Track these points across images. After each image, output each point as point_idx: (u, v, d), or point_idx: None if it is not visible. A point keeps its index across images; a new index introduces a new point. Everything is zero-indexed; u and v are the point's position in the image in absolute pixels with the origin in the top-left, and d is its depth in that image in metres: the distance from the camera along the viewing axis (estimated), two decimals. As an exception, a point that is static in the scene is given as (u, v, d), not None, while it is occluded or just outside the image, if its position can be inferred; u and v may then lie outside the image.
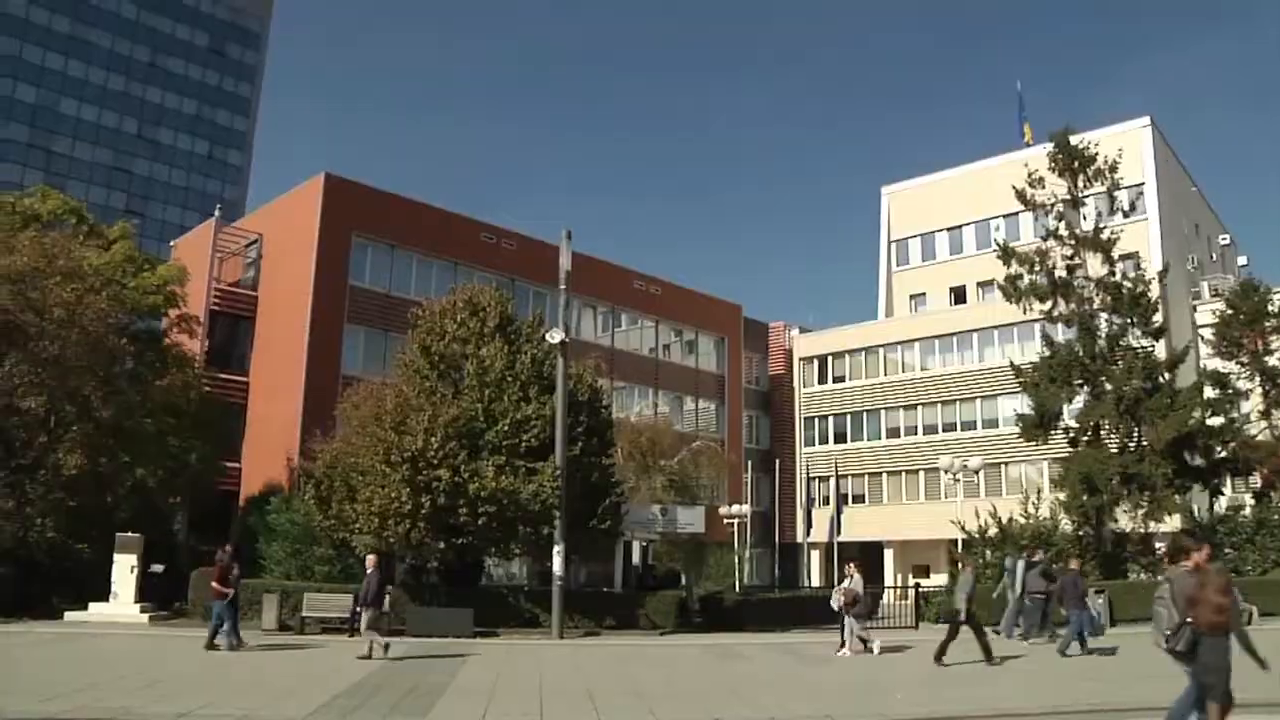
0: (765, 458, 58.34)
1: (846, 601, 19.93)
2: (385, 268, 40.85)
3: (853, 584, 20.13)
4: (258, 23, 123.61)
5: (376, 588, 19.41)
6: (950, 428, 53.87)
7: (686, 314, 54.49)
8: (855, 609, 19.91)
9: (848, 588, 20.13)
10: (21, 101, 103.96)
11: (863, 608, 20.02)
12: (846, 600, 19.92)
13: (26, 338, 28.09)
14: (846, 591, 20.04)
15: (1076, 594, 20.65)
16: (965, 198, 59.45)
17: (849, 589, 20.04)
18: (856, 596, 19.92)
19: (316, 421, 31.49)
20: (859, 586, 20.11)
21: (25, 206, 34.01)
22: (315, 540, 28.92)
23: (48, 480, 28.03)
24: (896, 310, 62.71)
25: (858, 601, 19.92)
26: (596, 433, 29.25)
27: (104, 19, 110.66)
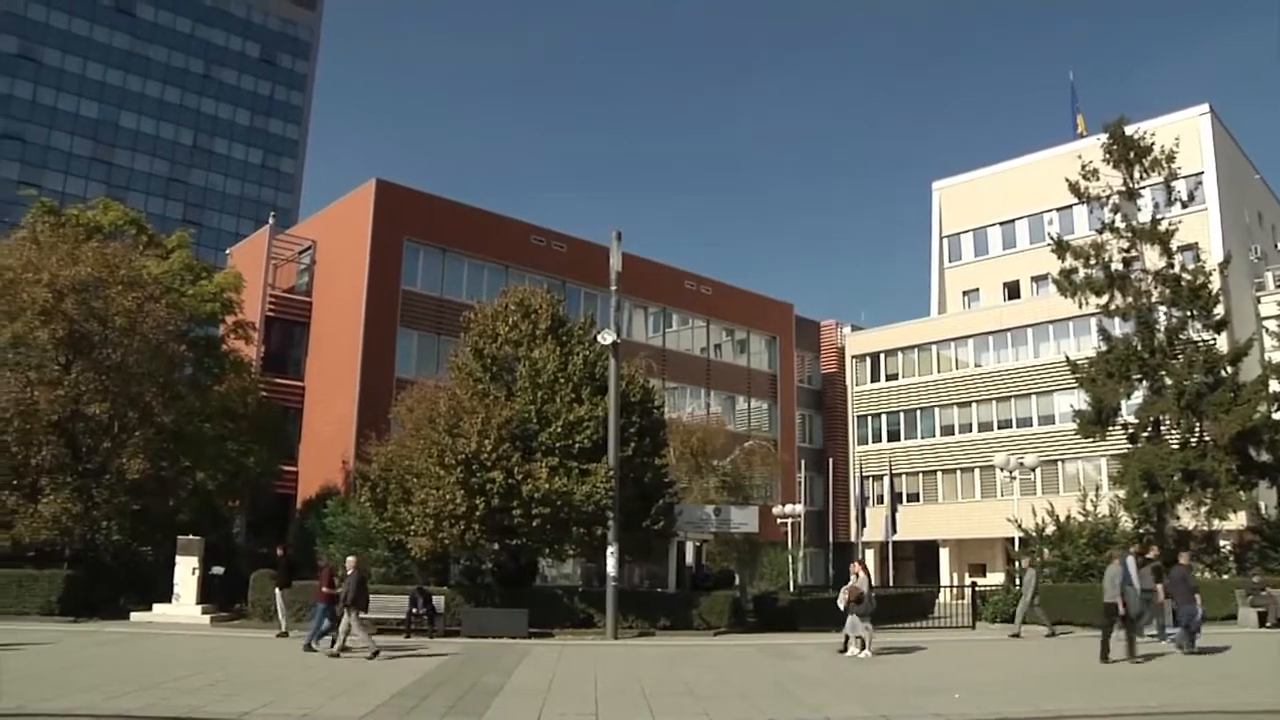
0: (818, 457, 58.06)
1: (851, 599, 20.04)
2: (437, 271, 41.21)
3: (858, 583, 20.21)
4: (307, 31, 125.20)
5: (356, 589, 19.61)
6: (1005, 425, 53.27)
7: (738, 313, 54.37)
8: (859, 607, 19.95)
9: (853, 585, 20.23)
10: (85, 117, 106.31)
11: (866, 606, 20.05)
12: (851, 598, 20.05)
13: (91, 346, 28.72)
14: (851, 590, 20.20)
15: (1186, 589, 20.18)
16: (1018, 192, 58.83)
17: (853, 587, 20.20)
18: (861, 595, 20.06)
19: (371, 424, 31.83)
20: (864, 586, 20.23)
21: (88, 218, 34.81)
22: (371, 542, 29.20)
23: (113, 484, 28.58)
24: (949, 307, 62.18)
25: (862, 600, 19.99)
26: (649, 433, 29.23)
27: (160, 34, 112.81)
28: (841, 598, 20.60)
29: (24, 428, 27.33)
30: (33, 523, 26.91)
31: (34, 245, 29.22)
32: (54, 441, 28.05)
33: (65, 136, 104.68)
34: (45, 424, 27.59)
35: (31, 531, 26.97)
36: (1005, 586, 33.91)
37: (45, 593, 26.35)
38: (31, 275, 27.78)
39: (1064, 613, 28.90)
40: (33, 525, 26.91)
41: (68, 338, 28.31)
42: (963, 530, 52.19)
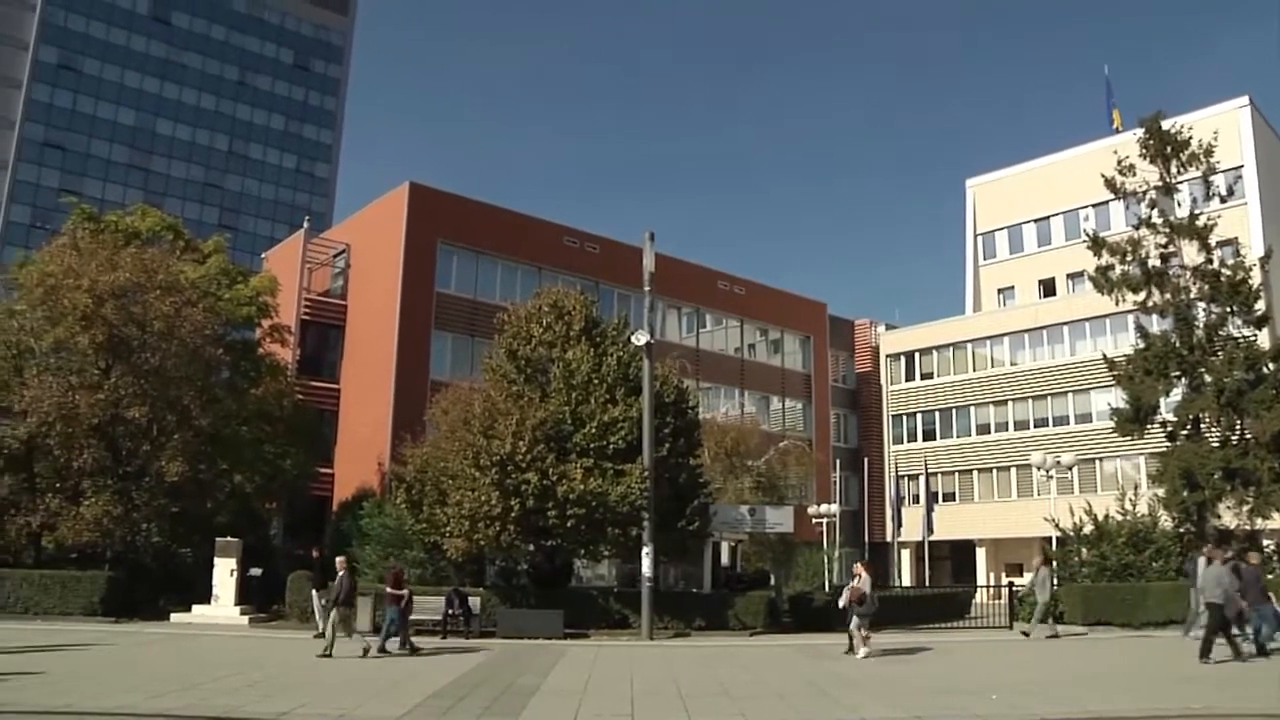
0: (853, 456, 57.81)
1: (853, 600, 20.02)
2: (470, 274, 41.37)
3: (860, 583, 20.19)
4: (340, 37, 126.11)
5: (348, 590, 19.77)
6: (1042, 423, 52.81)
7: (771, 313, 54.22)
8: (861, 608, 19.94)
9: (854, 586, 20.25)
10: (123, 124, 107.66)
11: (868, 607, 20.02)
12: (853, 599, 20.03)
13: (130, 350, 29.07)
14: (853, 590, 20.22)
15: (1259, 589, 19.94)
16: (1053, 188, 58.35)
17: (855, 588, 20.21)
18: (863, 596, 20.05)
19: (406, 427, 32.00)
20: (866, 586, 20.22)
21: (127, 224, 35.30)
22: (407, 543, 29.36)
23: (152, 487, 28.90)
24: (984, 305, 61.75)
25: (864, 601, 19.96)
26: (683, 434, 29.23)
27: (195, 42, 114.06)
28: (844, 598, 20.64)
29: (66, 431, 27.71)
30: (75, 525, 27.28)
31: (74, 252, 29.62)
32: (95, 445, 28.41)
33: (104, 144, 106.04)
34: (86, 428, 27.95)
35: (74, 534, 27.34)
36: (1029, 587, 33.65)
37: (88, 594, 26.72)
38: (72, 281, 28.16)
39: (1103, 613, 28.69)
40: (75, 527, 27.27)
41: (107, 342, 28.66)
42: (999, 530, 51.80)
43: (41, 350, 29.70)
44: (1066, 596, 30.26)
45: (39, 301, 29.17)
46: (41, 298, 28.92)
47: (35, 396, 27.29)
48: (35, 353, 29.80)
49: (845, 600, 20.45)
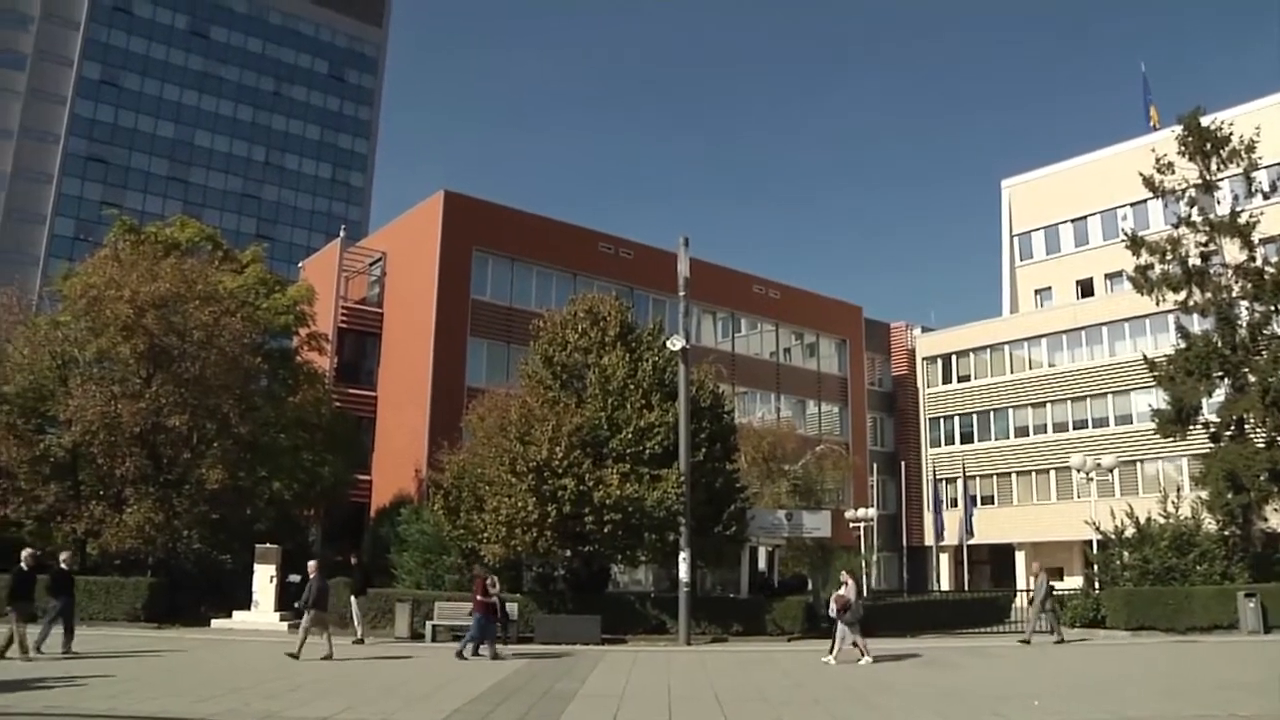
0: (890, 460, 57.48)
1: (839, 608, 19.90)
2: (505, 281, 41.54)
3: (846, 591, 20.08)
4: (374, 48, 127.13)
5: (317, 592, 19.90)
6: (1081, 425, 52.28)
7: (806, 317, 54.04)
8: (847, 615, 19.81)
9: (840, 594, 20.11)
10: (162, 137, 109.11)
11: (854, 614, 19.87)
12: (839, 606, 19.90)
13: (170, 359, 29.43)
14: (839, 598, 20.10)
15: None
16: (1089, 188, 57.86)
17: (841, 596, 20.08)
18: (848, 603, 19.94)
19: (443, 433, 32.15)
20: (851, 594, 20.13)
21: (166, 236, 35.79)
22: (445, 549, 29.46)
23: (193, 494, 29.22)
24: (1021, 306, 61.30)
25: (848, 608, 19.82)
26: (719, 438, 29.16)
27: (233, 54, 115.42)
28: (831, 607, 20.54)
29: (109, 440, 28.08)
30: (118, 532, 27.63)
31: (116, 263, 30.06)
32: (137, 453, 28.77)
33: (144, 157, 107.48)
34: (128, 436, 28.31)
35: (117, 540, 27.68)
36: (1084, 590, 33.24)
37: (131, 600, 27.09)
38: (114, 292, 28.55)
39: (1146, 617, 28.31)
40: (118, 534, 27.63)
41: (148, 352, 29.03)
42: (1039, 533, 51.31)
43: (85, 360, 30.15)
44: (1108, 600, 29.91)
45: (82, 312, 29.64)
46: (85, 308, 29.38)
47: (79, 406, 27.70)
48: (79, 362, 30.26)
49: (833, 608, 20.39)
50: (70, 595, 19.92)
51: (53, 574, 20.08)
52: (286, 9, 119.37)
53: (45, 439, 30.01)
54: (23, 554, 19.62)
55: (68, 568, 20.48)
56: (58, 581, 19.75)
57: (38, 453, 28.99)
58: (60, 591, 19.51)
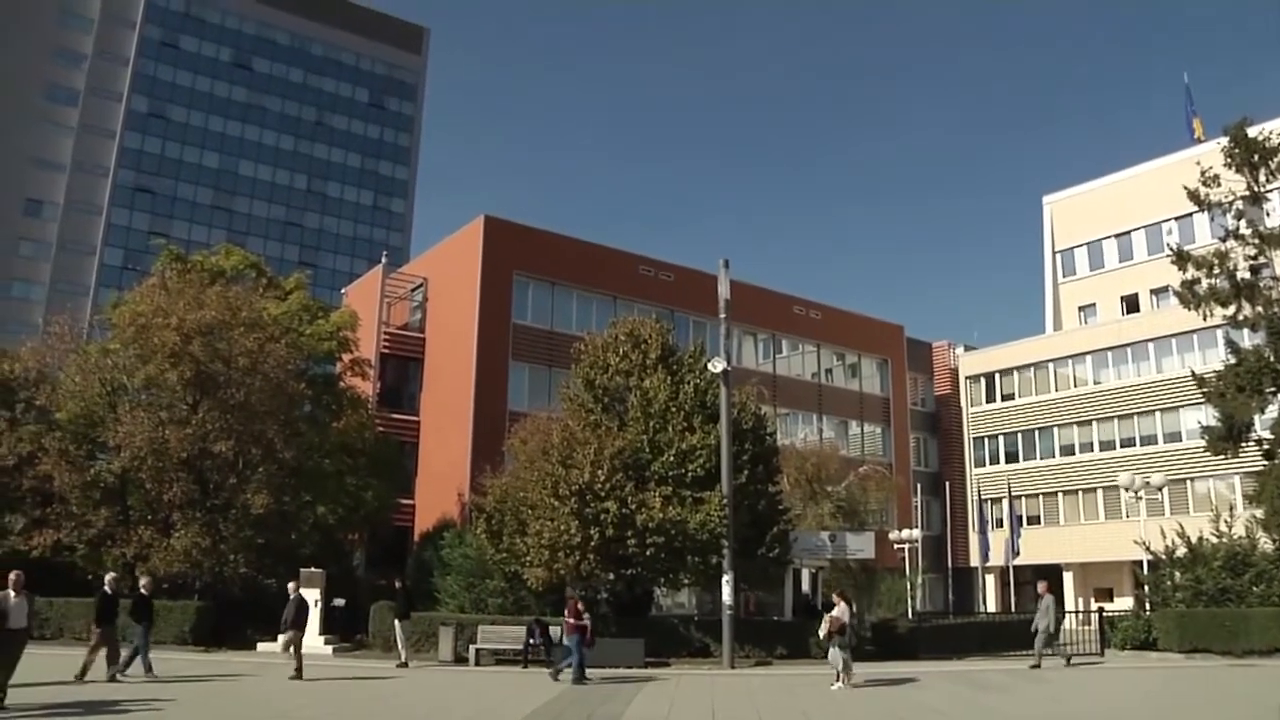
0: (934, 480, 56.95)
1: (833, 630, 19.65)
2: (546, 305, 41.65)
3: (839, 612, 19.82)
4: (413, 75, 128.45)
5: (295, 611, 20.34)
6: (1129, 443, 51.49)
7: (848, 337, 53.77)
8: (841, 638, 19.60)
9: (834, 616, 19.85)
10: (207, 167, 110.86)
11: (848, 638, 19.63)
12: (833, 629, 19.67)
13: (216, 386, 29.78)
14: (833, 620, 19.81)
15: None
16: (1133, 202, 57.27)
17: (835, 618, 19.82)
18: (843, 625, 19.69)
19: (485, 457, 32.23)
20: (845, 616, 19.84)
21: (212, 264, 36.29)
22: (488, 573, 29.52)
23: (239, 519, 29.47)
24: (1065, 323, 60.65)
25: (844, 631, 19.59)
26: (762, 460, 29.03)
27: (275, 85, 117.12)
28: (823, 628, 20.28)
29: (157, 465, 28.44)
30: (166, 556, 27.94)
31: (163, 291, 30.54)
32: (184, 478, 29.12)
33: (190, 187, 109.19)
34: (176, 461, 28.66)
35: (165, 564, 27.95)
36: (1135, 611, 32.68)
37: (179, 623, 27.35)
38: (161, 320, 28.98)
39: (1201, 639, 27.75)
40: (166, 558, 27.93)
41: (195, 378, 29.41)
42: (1087, 553, 50.56)
43: (134, 387, 30.60)
44: (1161, 622, 29.36)
45: (131, 340, 30.10)
46: (133, 336, 29.83)
47: (128, 432, 28.11)
48: (128, 389, 30.72)
49: (824, 631, 20.15)
50: (150, 620, 20.30)
51: (134, 599, 20.56)
52: (327, 39, 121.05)
53: (96, 465, 30.51)
54: (106, 578, 20.32)
55: (146, 592, 20.88)
56: (139, 606, 20.18)
57: (89, 478, 29.48)
58: (142, 616, 19.93)
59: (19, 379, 32.36)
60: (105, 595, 19.31)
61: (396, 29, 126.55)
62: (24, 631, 15.17)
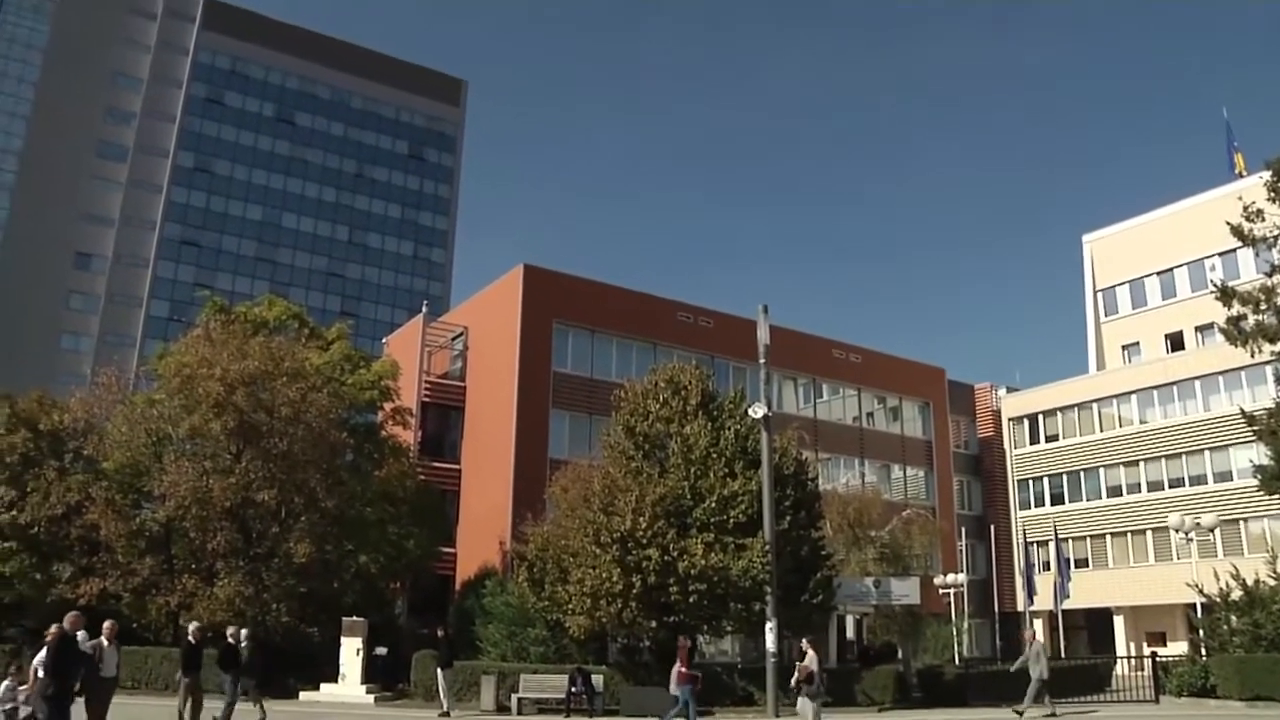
0: (978, 524, 56.19)
1: (800, 679, 19.49)
2: (586, 352, 41.75)
3: (808, 661, 19.61)
4: (452, 126, 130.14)
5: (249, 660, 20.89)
6: (1177, 483, 50.51)
7: (888, 380, 53.42)
8: (809, 688, 19.45)
9: (803, 665, 19.65)
10: (250, 219, 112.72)
11: (816, 688, 19.36)
12: (800, 677, 19.52)
13: (259, 435, 30.08)
14: (801, 669, 19.68)
15: None
16: (1174, 239, 56.73)
17: (803, 666, 19.66)
18: (810, 674, 19.54)
19: (527, 505, 32.25)
20: (814, 665, 19.71)
21: (255, 315, 36.80)
22: (530, 622, 29.42)
23: (281, 568, 29.65)
24: (1108, 362, 59.92)
25: (812, 680, 19.38)
26: (804, 506, 28.83)
27: (317, 138, 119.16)
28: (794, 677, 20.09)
29: (201, 515, 28.73)
30: (210, 604, 28.12)
31: (208, 343, 30.98)
32: (227, 527, 29.37)
33: (234, 239, 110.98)
34: (220, 511, 28.92)
35: (209, 613, 28.11)
36: (1191, 657, 31.94)
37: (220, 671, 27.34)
38: (206, 370, 29.39)
39: (1263, 686, 26.99)
40: (210, 607, 28.10)
41: (238, 428, 29.73)
42: (1138, 597, 49.53)
43: (178, 437, 30.99)
44: (1218, 668, 28.64)
45: (176, 390, 30.54)
46: (178, 387, 30.27)
47: (173, 481, 28.43)
48: (173, 439, 31.12)
49: (794, 680, 20.01)
50: (238, 668, 20.50)
51: (221, 649, 20.82)
52: (367, 93, 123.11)
53: (141, 514, 30.89)
54: (190, 628, 20.57)
55: (233, 642, 21.08)
56: (226, 656, 20.41)
57: (134, 527, 29.86)
58: (230, 665, 20.15)
59: (68, 429, 32.98)
60: (190, 645, 19.50)
61: (435, 82, 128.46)
62: (114, 680, 15.47)
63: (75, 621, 14.48)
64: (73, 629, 14.25)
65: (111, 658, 15.27)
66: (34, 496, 30.74)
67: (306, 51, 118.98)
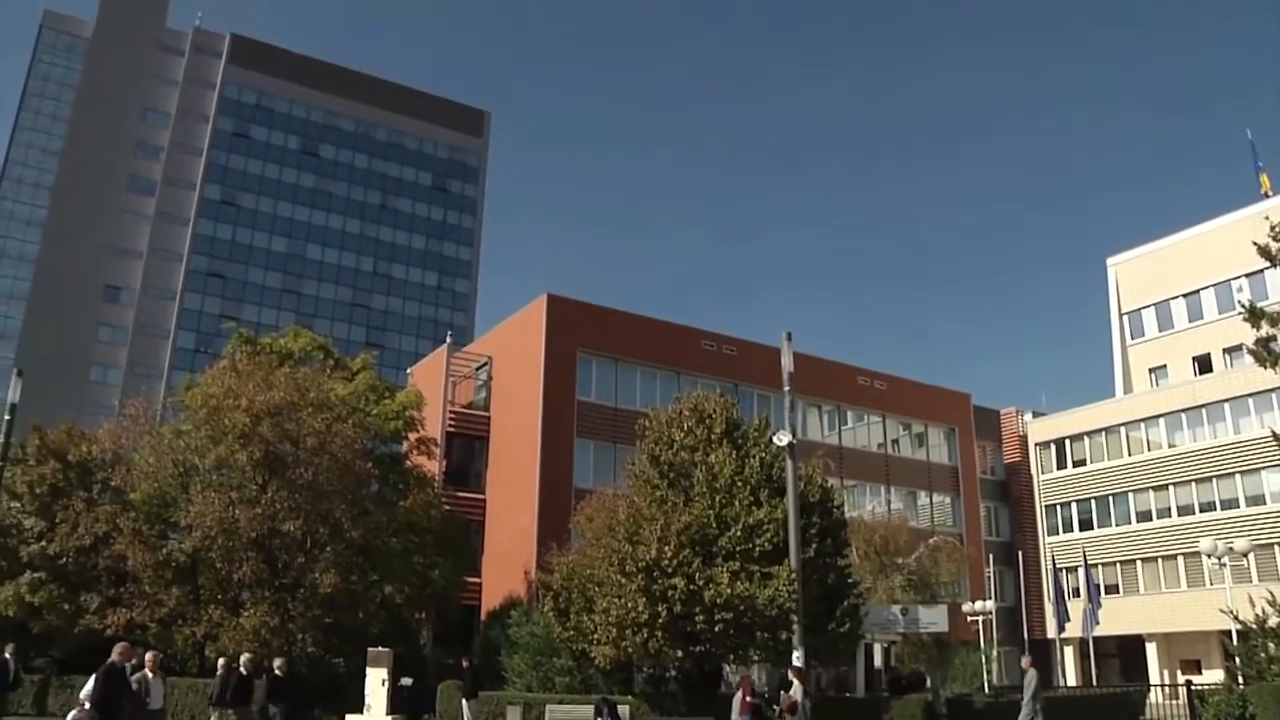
0: (1006, 550, 55.70)
1: (785, 709, 19.44)
2: (610, 381, 41.77)
3: (793, 692, 19.50)
4: (475, 157, 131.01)
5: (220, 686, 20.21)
6: (1208, 507, 49.86)
7: (913, 407, 53.15)
8: (793, 718, 19.34)
9: (787, 696, 19.57)
10: (276, 251, 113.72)
11: (798, 717, 19.17)
12: (785, 708, 19.42)
13: (285, 466, 30.18)
14: (785, 700, 19.56)
15: None
16: (1200, 260, 56.36)
17: (787, 697, 19.56)
18: (794, 705, 19.37)
19: (551, 535, 32.21)
20: (798, 695, 19.66)
21: (280, 346, 37.01)
22: (555, 651, 29.31)
23: (307, 598, 29.66)
24: (1135, 385, 59.42)
25: (796, 710, 19.26)
26: (830, 533, 28.64)
27: (341, 170, 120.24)
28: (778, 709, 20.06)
29: (227, 545, 28.81)
30: (235, 635, 28.14)
31: (234, 374, 31.16)
32: (253, 558, 29.41)
33: (259, 271, 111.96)
34: (245, 541, 28.99)
35: (235, 643, 28.10)
36: (1228, 685, 31.41)
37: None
38: (232, 402, 29.55)
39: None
40: (235, 638, 28.11)
41: (264, 459, 29.84)
42: (1170, 624, 48.84)
43: (205, 468, 31.14)
44: (1257, 698, 28.08)
45: (202, 422, 30.70)
46: (205, 418, 30.43)
47: (199, 512, 28.54)
48: (200, 470, 31.28)
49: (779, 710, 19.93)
50: (286, 700, 20.49)
51: (269, 679, 20.78)
52: (391, 125, 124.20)
53: (168, 544, 31.00)
54: (241, 659, 20.73)
55: (281, 674, 21.08)
56: (275, 687, 20.39)
57: (161, 557, 29.98)
58: (278, 697, 20.12)
59: (96, 460, 33.25)
60: (240, 676, 19.54)
61: (458, 113, 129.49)
62: (161, 712, 15.44)
63: (125, 653, 14.44)
64: (122, 661, 14.21)
65: (157, 689, 15.26)
66: (63, 527, 30.97)
67: (331, 85, 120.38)
